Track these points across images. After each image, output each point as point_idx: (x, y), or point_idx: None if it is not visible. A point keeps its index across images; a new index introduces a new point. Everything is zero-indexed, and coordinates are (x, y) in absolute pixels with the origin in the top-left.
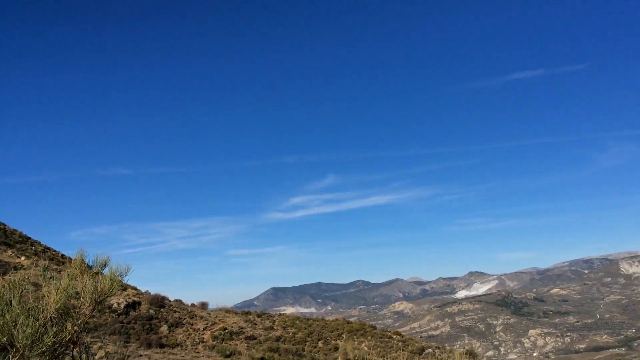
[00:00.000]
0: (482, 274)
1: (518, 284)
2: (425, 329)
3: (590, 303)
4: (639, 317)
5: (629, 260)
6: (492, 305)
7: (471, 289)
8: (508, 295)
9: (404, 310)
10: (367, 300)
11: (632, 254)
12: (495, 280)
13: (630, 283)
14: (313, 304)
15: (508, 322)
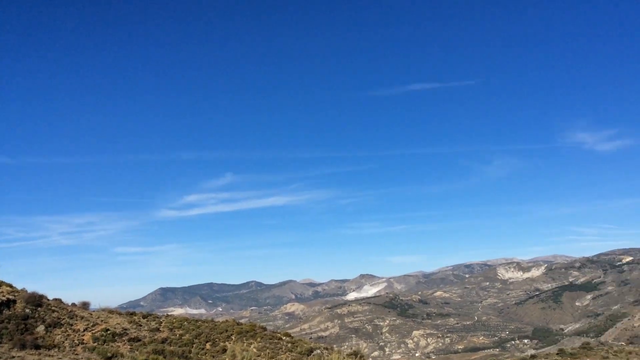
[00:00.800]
0: (372, 276)
1: (405, 286)
2: (315, 330)
3: (469, 306)
4: (512, 319)
5: (506, 266)
6: (380, 307)
7: (361, 291)
8: (395, 298)
9: (295, 311)
10: (259, 301)
11: (509, 260)
12: (385, 283)
13: (506, 287)
14: (203, 304)
15: (394, 323)
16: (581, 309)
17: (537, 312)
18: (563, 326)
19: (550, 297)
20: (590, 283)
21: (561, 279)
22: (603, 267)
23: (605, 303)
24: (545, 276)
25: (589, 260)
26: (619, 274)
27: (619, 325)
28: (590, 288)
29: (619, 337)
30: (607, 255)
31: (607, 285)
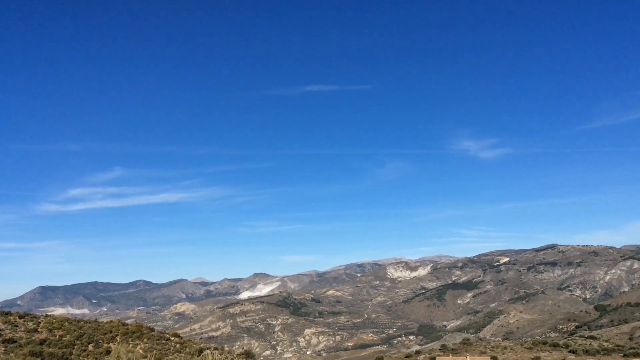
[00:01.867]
0: (266, 275)
1: (299, 285)
2: (206, 330)
3: (360, 304)
4: (399, 316)
5: (395, 266)
6: (273, 306)
7: (255, 290)
8: (288, 296)
9: (185, 311)
10: (147, 301)
11: (398, 259)
12: (279, 282)
13: (395, 286)
14: (87, 304)
15: (287, 322)
16: (462, 306)
17: (423, 310)
18: (446, 323)
19: (435, 295)
20: (471, 282)
21: (445, 278)
22: (483, 267)
23: (484, 301)
24: (431, 275)
25: (470, 261)
26: (497, 273)
27: (496, 321)
28: (471, 287)
29: (496, 332)
30: (487, 256)
31: (486, 284)
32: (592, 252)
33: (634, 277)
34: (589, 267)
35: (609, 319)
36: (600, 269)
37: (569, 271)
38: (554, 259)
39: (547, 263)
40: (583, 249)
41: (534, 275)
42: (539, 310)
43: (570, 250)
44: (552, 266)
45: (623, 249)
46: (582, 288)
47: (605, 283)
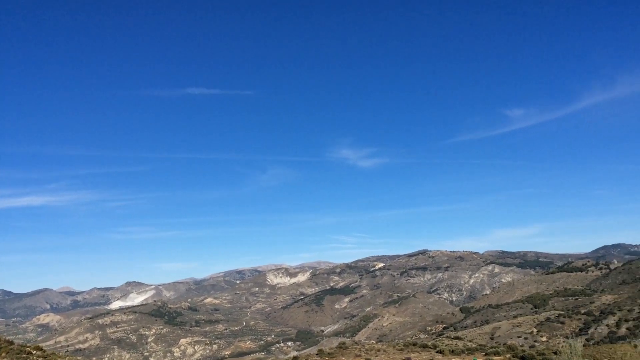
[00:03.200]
0: (139, 284)
1: (175, 294)
2: (73, 342)
3: (238, 311)
4: (278, 323)
5: (275, 272)
6: (147, 315)
7: (127, 300)
8: (163, 305)
9: (50, 322)
10: (7, 312)
11: (278, 266)
12: (153, 291)
13: (274, 292)
14: None
15: (161, 332)
16: (340, 311)
17: (301, 316)
18: (323, 327)
19: (313, 300)
20: (348, 287)
21: (324, 284)
22: (360, 272)
23: (360, 305)
24: (310, 281)
25: (348, 266)
26: (373, 278)
27: (370, 325)
28: (348, 292)
29: (371, 335)
30: (364, 262)
31: (362, 289)
32: (458, 257)
33: (494, 280)
34: (455, 271)
35: (473, 320)
36: (466, 273)
37: (438, 275)
38: (424, 264)
39: (419, 268)
40: (450, 255)
41: (407, 279)
42: (410, 313)
43: (439, 256)
44: (423, 271)
45: (486, 255)
46: (449, 291)
47: (470, 286)
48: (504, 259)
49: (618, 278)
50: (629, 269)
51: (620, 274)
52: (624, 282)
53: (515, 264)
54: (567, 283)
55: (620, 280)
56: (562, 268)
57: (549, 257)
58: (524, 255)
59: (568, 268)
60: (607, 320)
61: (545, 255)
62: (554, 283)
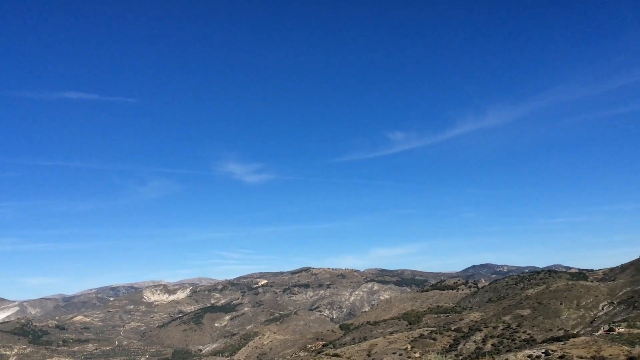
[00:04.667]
0: (1, 299)
1: (41, 311)
2: None
3: (111, 330)
4: (154, 342)
5: (152, 289)
6: (9, 334)
7: None
8: (28, 323)
9: None
10: None
11: (156, 282)
12: (17, 307)
13: (151, 310)
14: None
15: (24, 352)
16: (220, 329)
17: (179, 334)
18: (202, 347)
19: (192, 318)
20: (229, 304)
21: (204, 301)
22: (242, 289)
23: (241, 323)
24: (190, 298)
25: (230, 283)
26: (255, 295)
27: (251, 343)
28: (230, 309)
29: (251, 354)
30: (247, 279)
31: (244, 307)
32: (340, 275)
33: (373, 297)
34: (337, 289)
35: (352, 337)
36: (347, 291)
37: (320, 292)
38: (307, 281)
39: (301, 285)
40: (333, 272)
41: (289, 296)
42: (292, 330)
43: (322, 273)
44: (305, 288)
45: (366, 272)
46: (330, 308)
47: (350, 303)
48: (383, 276)
49: (485, 296)
50: (494, 287)
51: (487, 292)
52: (490, 300)
53: (393, 281)
54: (440, 300)
55: (487, 298)
56: (436, 286)
57: (424, 276)
58: (401, 274)
59: (441, 286)
60: (474, 337)
61: (420, 274)
62: (428, 300)
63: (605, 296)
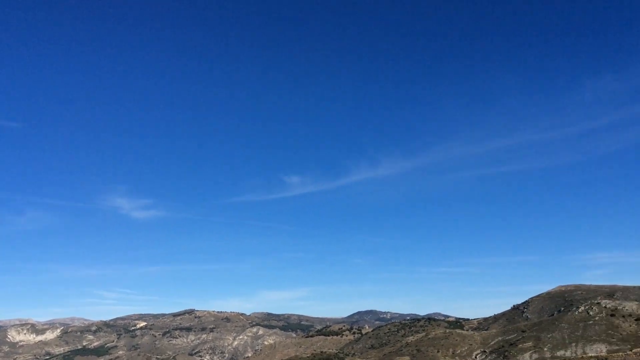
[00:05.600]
0: None
1: None
2: None
3: None
4: None
5: (19, 328)
6: None
7: None
8: None
9: None
10: None
11: (23, 321)
12: None
13: (15, 351)
14: None
15: None
16: None
17: None
18: None
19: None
20: (103, 347)
21: (75, 343)
22: (118, 331)
23: None
24: (60, 339)
25: (106, 324)
26: (132, 338)
27: None
28: (103, 352)
29: None
30: (124, 320)
31: (119, 350)
32: (225, 319)
33: (258, 342)
34: (220, 332)
35: None
36: (230, 335)
37: (202, 336)
38: (189, 324)
39: (183, 328)
40: (217, 315)
41: (169, 340)
42: None
43: (206, 316)
44: (187, 331)
45: (252, 316)
46: (211, 353)
47: (233, 348)
48: (269, 321)
49: (368, 342)
50: (377, 334)
51: (370, 338)
52: (372, 346)
53: (279, 326)
54: (324, 346)
55: (370, 344)
56: (321, 331)
57: (311, 321)
58: (287, 318)
59: (326, 332)
60: None
61: (307, 319)
62: (312, 346)
63: (479, 345)
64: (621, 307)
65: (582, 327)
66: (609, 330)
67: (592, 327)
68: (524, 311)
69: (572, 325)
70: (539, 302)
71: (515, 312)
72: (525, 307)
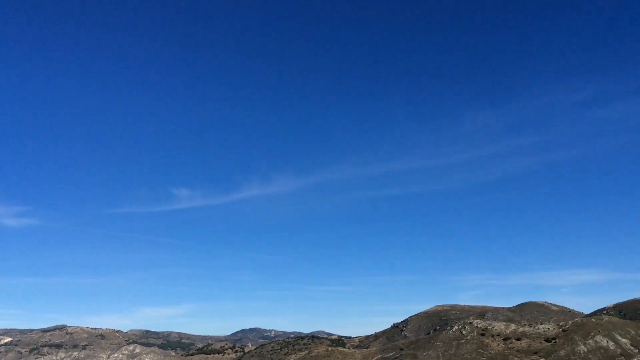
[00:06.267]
0: None
1: None
2: None
3: None
4: None
5: None
6: None
7: None
8: None
9: None
10: None
11: None
12: None
13: None
14: None
15: None
16: None
17: None
18: None
19: None
20: None
21: None
22: None
23: None
24: None
25: None
26: None
27: None
28: None
29: None
30: None
31: None
32: (99, 335)
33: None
34: (94, 350)
35: None
36: (105, 353)
37: (74, 354)
38: (60, 340)
39: (53, 345)
40: (91, 332)
41: (36, 357)
42: None
43: (79, 332)
44: (57, 348)
45: (129, 333)
46: None
47: None
48: (148, 338)
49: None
50: (260, 352)
51: (253, 357)
52: None
53: (158, 344)
54: None
55: None
56: (202, 350)
57: (192, 339)
58: (167, 336)
59: (207, 350)
60: None
61: (188, 337)
62: None
63: None
64: (491, 327)
65: (456, 345)
66: (479, 349)
67: (464, 346)
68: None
69: (446, 343)
70: (417, 320)
71: (395, 331)
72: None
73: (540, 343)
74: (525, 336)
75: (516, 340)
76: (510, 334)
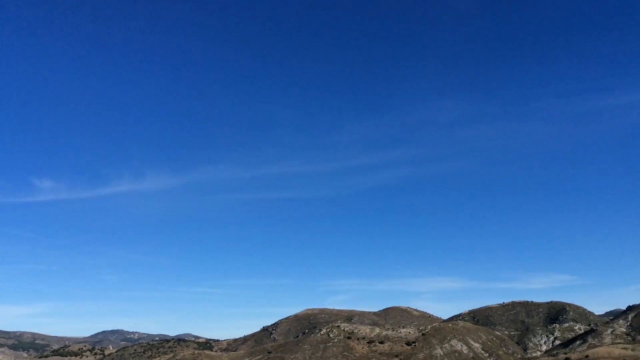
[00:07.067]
0: None
1: None
2: None
3: None
4: None
5: None
6: None
7: None
8: None
9: None
10: None
11: None
12: None
13: None
14: None
15: None
16: None
17: None
18: None
19: None
20: None
21: None
22: None
23: None
24: None
25: None
26: None
27: None
28: None
29: None
30: None
31: None
32: None
33: None
34: None
35: None
36: None
37: None
38: None
39: None
40: None
41: None
42: None
43: None
44: None
45: None
46: None
47: None
48: None
49: None
50: (122, 355)
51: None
52: None
53: (8, 344)
54: None
55: None
56: (58, 352)
57: (47, 340)
58: (20, 336)
59: (63, 352)
60: None
61: (43, 337)
62: None
63: None
64: (357, 331)
65: (323, 348)
66: (344, 352)
67: (331, 349)
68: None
69: (313, 346)
70: (287, 324)
71: (264, 334)
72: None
73: (402, 346)
74: (388, 339)
75: (380, 343)
76: (374, 337)
